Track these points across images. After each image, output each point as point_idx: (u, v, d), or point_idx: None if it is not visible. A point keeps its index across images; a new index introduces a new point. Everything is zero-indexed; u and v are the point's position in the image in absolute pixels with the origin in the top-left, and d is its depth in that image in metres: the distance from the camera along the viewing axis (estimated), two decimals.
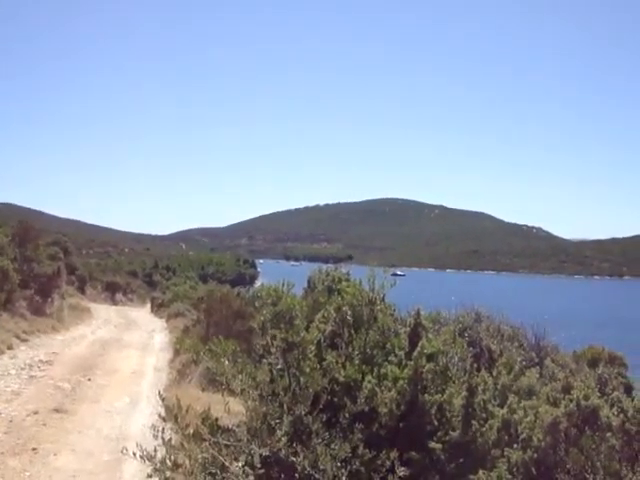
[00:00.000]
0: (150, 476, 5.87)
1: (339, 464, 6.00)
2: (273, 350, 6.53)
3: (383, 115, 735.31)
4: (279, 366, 6.57)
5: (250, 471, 5.69)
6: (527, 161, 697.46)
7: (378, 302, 6.92)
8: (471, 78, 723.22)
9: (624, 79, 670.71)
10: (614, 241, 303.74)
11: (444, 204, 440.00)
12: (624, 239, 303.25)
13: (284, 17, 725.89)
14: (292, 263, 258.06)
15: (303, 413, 6.26)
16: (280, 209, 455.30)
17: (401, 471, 5.98)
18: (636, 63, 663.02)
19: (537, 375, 11.01)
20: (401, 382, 6.25)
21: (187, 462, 6.16)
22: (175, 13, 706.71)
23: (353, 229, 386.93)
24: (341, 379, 6.46)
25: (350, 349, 6.77)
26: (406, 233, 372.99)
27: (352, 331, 6.84)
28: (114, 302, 49.20)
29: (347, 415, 6.31)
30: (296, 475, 6.13)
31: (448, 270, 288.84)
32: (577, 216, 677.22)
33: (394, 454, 5.99)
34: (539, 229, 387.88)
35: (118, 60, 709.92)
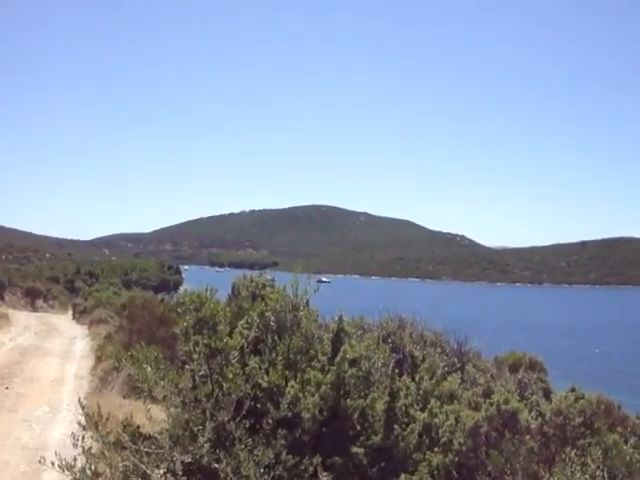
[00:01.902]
0: None
1: (262, 470, 6.00)
2: (195, 356, 6.48)
3: (308, 121, 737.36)
4: (202, 372, 6.53)
5: (172, 478, 5.63)
6: (450, 170, 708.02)
7: (301, 308, 6.93)
8: (395, 84, 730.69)
9: (540, 95, 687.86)
10: (534, 250, 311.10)
11: (369, 211, 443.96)
12: (543, 248, 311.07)
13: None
14: (217, 269, 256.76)
15: (226, 419, 6.23)
16: (205, 215, 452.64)
17: (324, 476, 6.01)
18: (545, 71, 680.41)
19: (459, 380, 11.18)
20: (324, 387, 6.27)
21: (108, 471, 6.06)
22: None
23: (279, 236, 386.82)
24: (264, 385, 6.45)
25: (273, 355, 6.76)
26: (332, 240, 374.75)
27: (275, 337, 6.84)
28: (34, 309, 48.04)
29: (270, 421, 6.31)
30: None
31: (373, 277, 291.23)
32: (499, 225, 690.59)
33: (317, 459, 6.01)
34: (462, 237, 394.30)
35: (30, 56, 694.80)
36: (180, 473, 5.74)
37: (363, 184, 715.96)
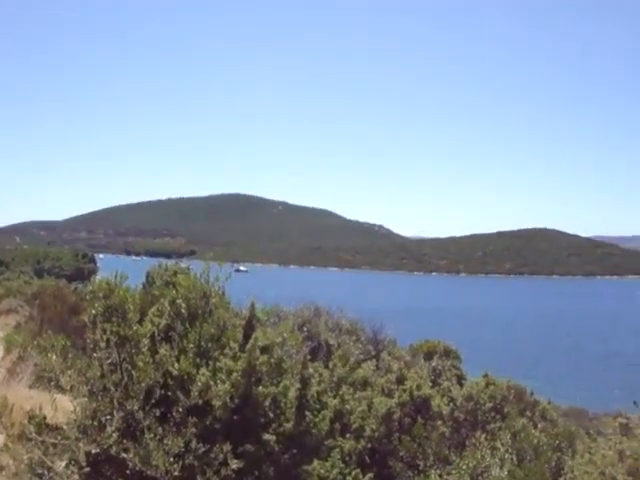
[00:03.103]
0: None
1: (172, 459, 5.90)
2: (103, 344, 6.33)
3: (227, 109, 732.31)
4: (110, 361, 6.38)
5: (74, 469, 5.49)
6: (368, 160, 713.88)
7: (213, 295, 6.84)
8: (312, 72, 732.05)
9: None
10: (451, 240, 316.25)
11: (287, 200, 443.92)
12: (460, 238, 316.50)
13: None
14: (133, 258, 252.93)
15: (135, 408, 6.11)
16: (122, 202, 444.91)
17: (234, 463, 5.95)
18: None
19: (374, 367, 11.28)
20: (235, 375, 6.20)
21: (11, 463, 5.89)
22: None
23: (196, 224, 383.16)
24: (175, 373, 6.34)
25: (185, 342, 6.65)
26: (250, 229, 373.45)
27: (187, 324, 6.73)
28: None
29: (180, 409, 6.21)
30: (127, 472, 5.98)
31: (292, 266, 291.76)
32: (417, 215, 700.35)
33: (227, 447, 5.95)
34: (380, 227, 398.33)
35: None
36: (84, 464, 5.60)
37: (281, 173, 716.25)
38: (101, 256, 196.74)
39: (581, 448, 8.54)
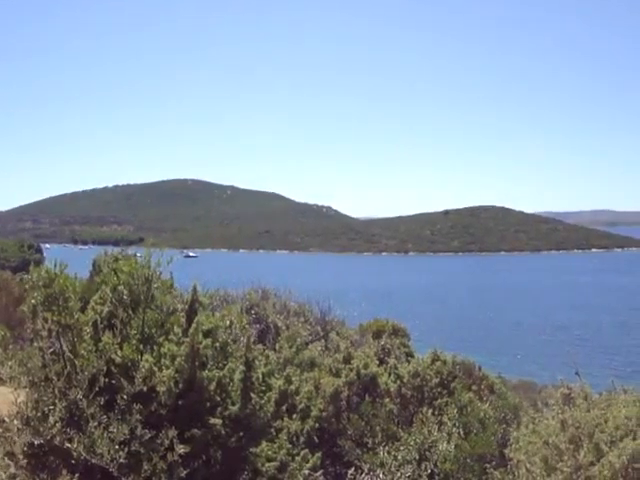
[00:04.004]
0: None
1: (117, 447, 5.87)
2: (45, 334, 6.26)
3: (172, 93, 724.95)
4: (52, 350, 6.31)
5: (10, 462, 5.43)
6: (315, 141, 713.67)
7: (155, 280, 6.79)
8: (258, 56, 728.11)
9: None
10: (400, 219, 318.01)
11: (236, 185, 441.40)
12: (408, 217, 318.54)
13: None
14: (80, 247, 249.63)
15: (79, 397, 6.05)
16: (67, 191, 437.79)
17: (180, 449, 5.94)
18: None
19: (322, 348, 11.32)
20: (179, 360, 6.18)
21: None
22: None
23: (144, 211, 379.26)
24: (118, 360, 6.30)
25: (128, 329, 6.60)
26: (199, 214, 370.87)
27: (130, 311, 6.67)
28: None
29: (125, 396, 6.17)
30: (72, 462, 5.93)
31: (241, 250, 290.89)
32: (365, 196, 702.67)
33: (172, 432, 5.93)
34: (329, 208, 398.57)
35: None
36: (21, 456, 5.54)
37: (229, 157, 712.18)
38: (47, 246, 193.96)
39: (526, 419, 8.68)
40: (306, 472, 6.62)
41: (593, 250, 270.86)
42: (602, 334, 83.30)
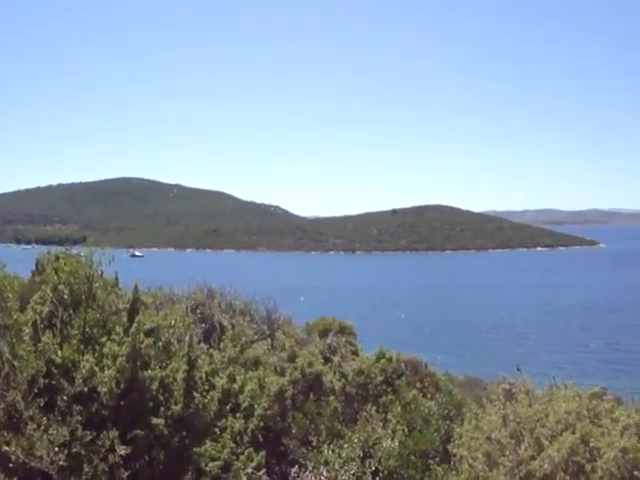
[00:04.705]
0: None
1: (57, 449, 5.77)
2: None
3: (114, 91, 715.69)
4: None
5: None
6: (263, 140, 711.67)
7: (97, 279, 6.70)
8: (196, 55, 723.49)
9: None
10: (347, 219, 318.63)
11: (182, 183, 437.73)
12: (356, 216, 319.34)
13: None
14: (24, 247, 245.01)
15: (17, 399, 5.94)
16: (10, 189, 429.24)
17: (122, 450, 5.87)
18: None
19: (268, 347, 11.29)
20: (120, 359, 6.10)
21: None
22: None
23: (89, 210, 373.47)
24: (58, 361, 6.20)
25: (69, 329, 6.50)
26: (145, 213, 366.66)
27: (70, 310, 6.57)
28: None
29: (65, 397, 6.08)
30: (10, 465, 5.82)
31: (188, 250, 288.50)
32: (312, 195, 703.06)
33: (114, 433, 5.86)
34: (277, 207, 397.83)
35: None
36: None
37: (175, 156, 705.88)
38: None
39: (469, 415, 8.78)
40: (249, 471, 6.60)
41: (538, 248, 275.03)
42: (545, 331, 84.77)
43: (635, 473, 6.79)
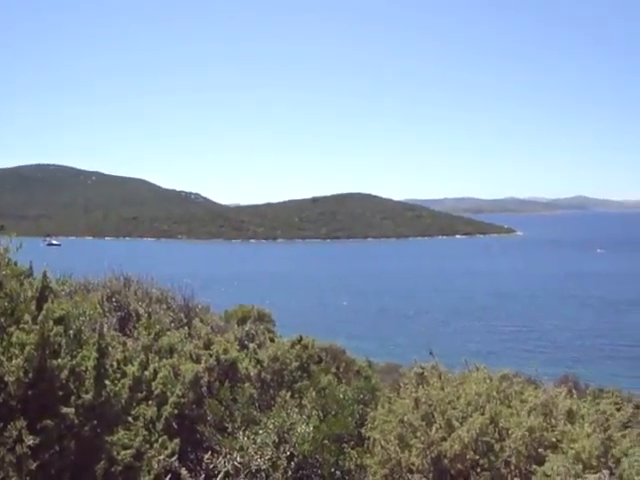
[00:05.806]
0: None
1: None
2: None
3: (32, 75, 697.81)
4: None
5: None
6: (183, 127, 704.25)
7: (4, 267, 6.56)
8: (135, 33, 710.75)
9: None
10: (268, 206, 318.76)
11: (101, 170, 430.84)
12: (277, 204, 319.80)
13: None
14: None
15: None
16: None
17: (29, 440, 5.77)
18: None
19: (186, 335, 11.26)
20: (28, 348, 6.00)
21: None
22: None
23: (3, 197, 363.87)
24: None
25: None
26: (62, 201, 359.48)
27: None
28: None
29: None
30: None
31: (107, 238, 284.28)
32: (233, 182, 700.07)
33: (20, 423, 5.76)
34: (197, 195, 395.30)
35: None
36: None
37: (94, 142, 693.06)
38: None
39: (382, 399, 8.95)
40: (162, 458, 6.58)
41: (457, 236, 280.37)
42: (461, 317, 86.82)
43: (540, 450, 7.03)
